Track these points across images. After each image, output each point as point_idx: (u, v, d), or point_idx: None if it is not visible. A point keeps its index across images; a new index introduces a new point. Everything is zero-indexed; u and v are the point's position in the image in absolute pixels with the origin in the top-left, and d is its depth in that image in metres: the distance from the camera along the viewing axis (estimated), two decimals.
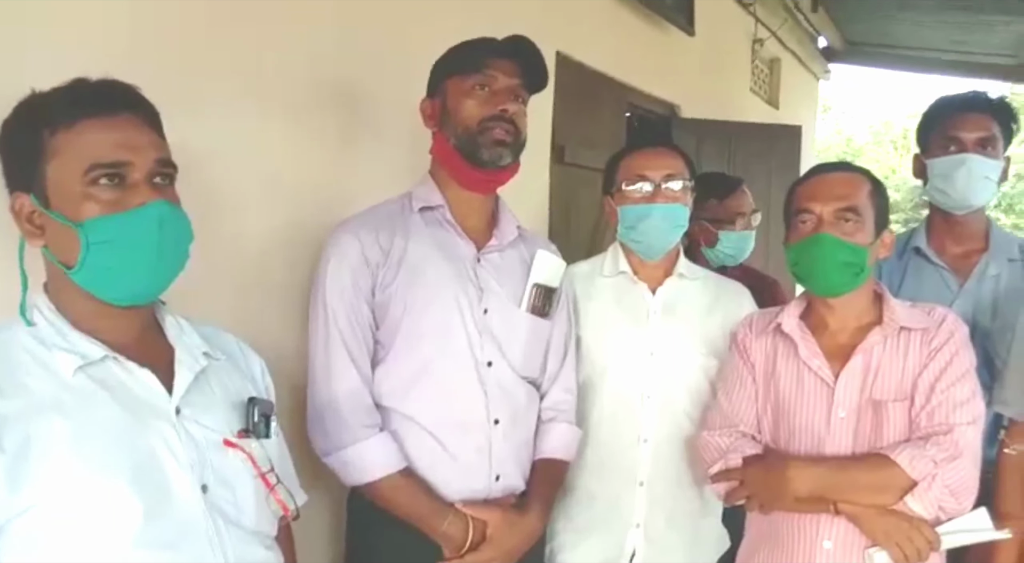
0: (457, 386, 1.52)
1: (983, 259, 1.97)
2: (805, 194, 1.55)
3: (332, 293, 1.48)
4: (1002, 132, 1.95)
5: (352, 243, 1.50)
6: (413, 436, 1.51)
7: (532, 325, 1.61)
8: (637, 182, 1.76)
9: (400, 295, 1.50)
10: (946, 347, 1.48)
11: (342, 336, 1.47)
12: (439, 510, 1.48)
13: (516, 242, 1.65)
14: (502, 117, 1.51)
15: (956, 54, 6.82)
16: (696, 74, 4.43)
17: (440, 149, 1.58)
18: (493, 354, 1.55)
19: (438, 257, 1.54)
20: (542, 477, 1.63)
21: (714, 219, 2.47)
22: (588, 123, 3.32)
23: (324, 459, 1.49)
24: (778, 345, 1.61)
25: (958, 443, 1.41)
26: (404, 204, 1.59)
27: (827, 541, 1.47)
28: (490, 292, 1.56)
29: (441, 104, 1.56)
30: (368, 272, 1.49)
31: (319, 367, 1.49)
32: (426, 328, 1.50)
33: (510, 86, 1.53)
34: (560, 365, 1.70)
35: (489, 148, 1.50)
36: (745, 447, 1.56)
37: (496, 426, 1.54)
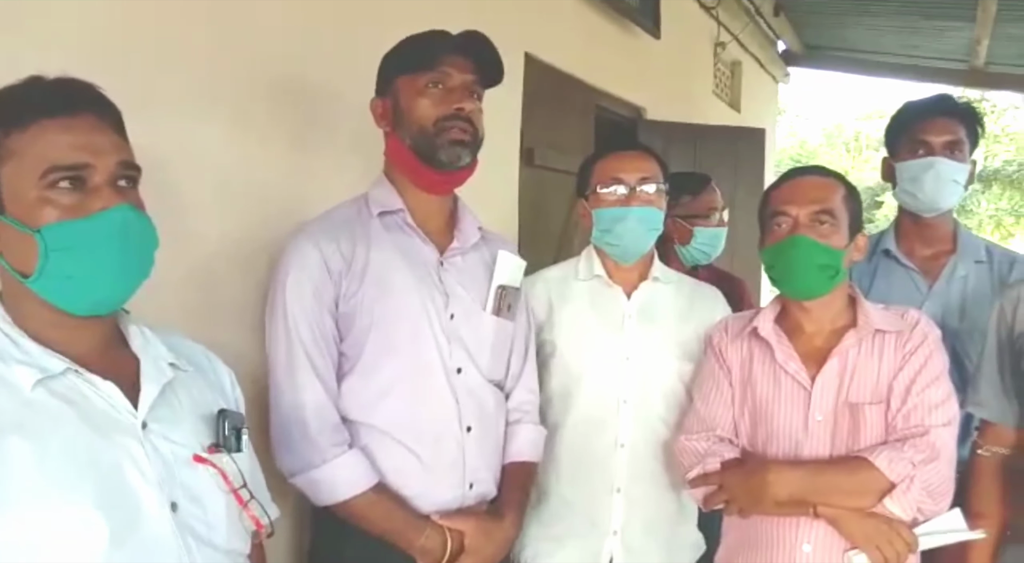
0: (429, 396, 1.49)
1: (951, 261, 2.00)
2: (781, 197, 1.55)
3: (293, 305, 1.42)
4: (968, 136, 1.98)
5: (312, 253, 1.44)
6: (385, 449, 1.46)
7: (498, 327, 1.58)
8: (612, 185, 1.75)
9: (367, 306, 1.45)
10: (920, 350, 1.49)
11: (305, 350, 1.42)
12: (415, 524, 1.45)
13: (478, 244, 1.62)
14: (458, 116, 1.46)
15: (909, 58, 6.97)
16: (661, 77, 4.45)
17: (395, 151, 1.53)
18: (462, 360, 1.52)
19: (402, 264, 1.49)
20: (513, 481, 1.61)
21: (688, 215, 2.48)
22: (557, 125, 3.31)
23: (291, 480, 1.43)
24: (754, 349, 1.61)
25: (935, 445, 1.41)
26: (361, 208, 1.54)
27: (806, 544, 1.47)
28: (455, 297, 1.53)
29: (393, 103, 1.50)
30: (331, 283, 1.44)
31: (282, 382, 1.43)
32: (396, 339, 1.46)
33: (465, 83, 1.48)
34: (522, 365, 1.67)
35: (447, 149, 1.46)
36: (723, 451, 1.56)
37: (468, 433, 1.52)
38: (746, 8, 5.86)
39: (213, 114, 1.57)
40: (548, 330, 1.80)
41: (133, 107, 1.03)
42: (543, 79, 3.10)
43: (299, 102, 1.80)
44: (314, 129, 1.85)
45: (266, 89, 1.70)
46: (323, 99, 1.87)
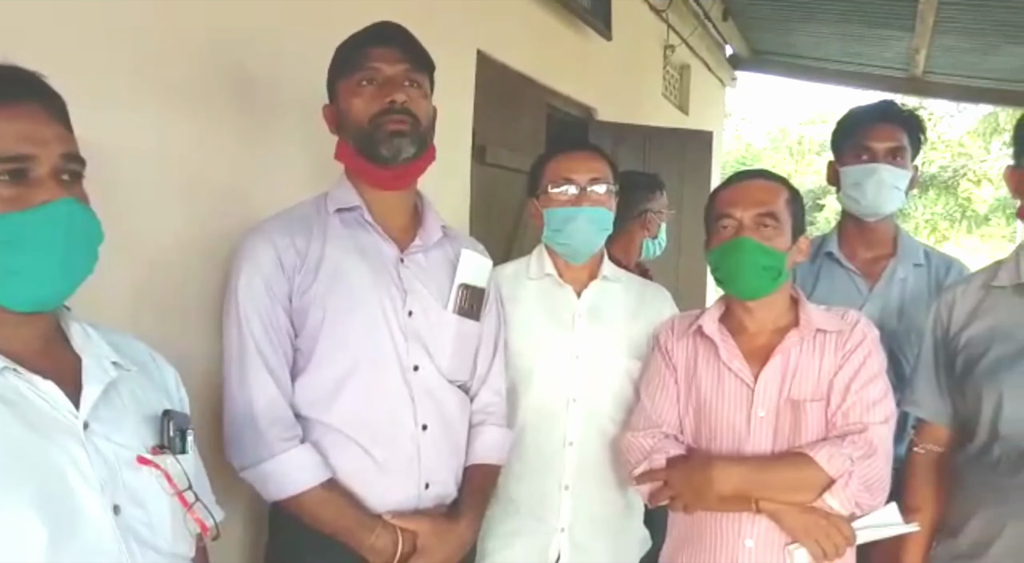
0: (382, 393, 1.47)
1: (891, 264, 2.05)
2: (726, 200, 1.58)
3: (246, 301, 1.42)
4: (911, 143, 2.04)
5: (266, 248, 1.43)
6: (338, 446, 1.45)
7: (460, 327, 1.57)
8: (563, 185, 1.76)
9: (319, 300, 1.44)
10: (859, 349, 1.53)
11: (257, 345, 1.41)
12: (366, 523, 1.43)
13: (442, 242, 1.61)
14: (392, 109, 1.45)
15: (852, 65, 7.15)
16: (612, 78, 4.49)
17: (343, 153, 1.53)
18: (419, 358, 1.50)
19: (358, 260, 1.48)
20: (473, 484, 1.60)
21: (658, 211, 2.68)
22: (509, 124, 3.32)
23: (241, 473, 1.41)
24: (699, 347, 1.63)
25: (872, 441, 1.46)
26: (320, 206, 1.53)
27: (749, 539, 1.50)
28: (414, 294, 1.52)
29: (336, 108, 1.52)
30: (284, 278, 1.43)
31: (234, 378, 1.42)
32: (348, 334, 1.45)
33: (395, 74, 1.46)
34: (489, 367, 1.67)
35: (386, 142, 1.45)
36: (669, 448, 1.58)
37: (424, 432, 1.50)
38: (695, 12, 5.95)
39: (162, 109, 1.53)
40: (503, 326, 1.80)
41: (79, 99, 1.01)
42: (495, 77, 3.10)
43: (249, 99, 1.77)
44: (265, 126, 1.82)
45: (216, 85, 1.67)
46: (273, 96, 1.84)
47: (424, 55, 1.52)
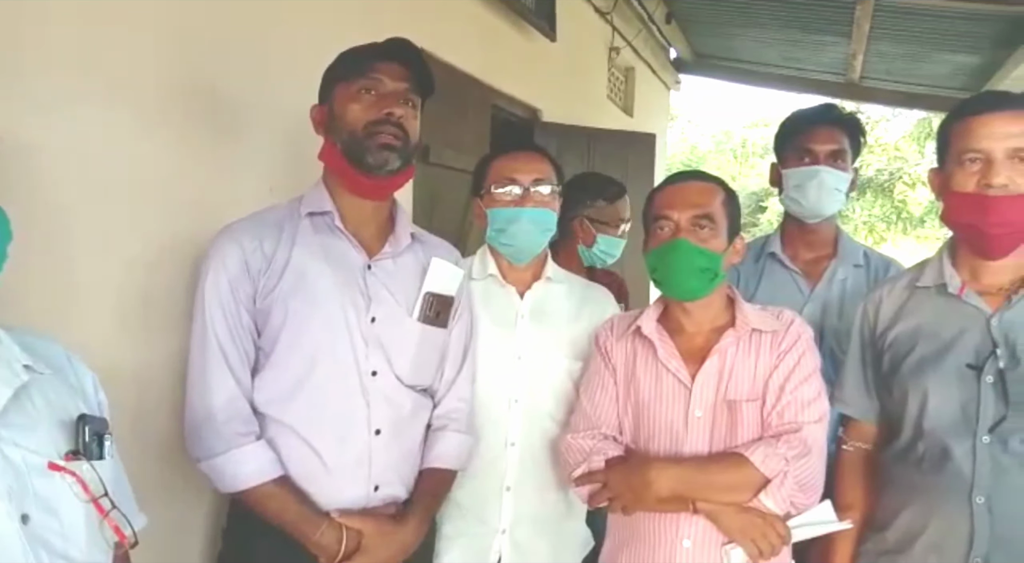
0: (337, 396, 1.49)
1: (832, 264, 2.09)
2: (663, 202, 1.59)
3: (211, 301, 1.46)
4: (851, 145, 2.08)
5: (233, 250, 1.47)
6: (290, 445, 1.48)
7: (424, 334, 1.58)
8: (506, 185, 1.76)
9: (281, 302, 1.47)
10: (794, 349, 1.55)
11: (220, 344, 1.45)
12: (312, 519, 1.46)
13: (413, 247, 1.62)
14: (388, 121, 1.48)
15: (790, 70, 7.30)
16: (557, 79, 4.51)
17: (328, 154, 1.55)
18: (379, 364, 1.52)
19: (324, 265, 1.51)
20: (425, 487, 1.61)
21: (597, 220, 2.49)
22: (453, 124, 3.30)
23: (197, 465, 1.46)
24: (638, 347, 1.64)
25: (806, 441, 1.48)
26: (293, 209, 1.56)
27: (686, 540, 1.51)
28: (379, 300, 1.53)
29: (329, 109, 1.54)
30: (249, 280, 1.47)
31: (196, 375, 1.47)
32: (307, 336, 1.48)
33: (397, 90, 1.50)
34: (456, 373, 1.68)
35: (374, 153, 1.48)
36: (608, 449, 1.58)
37: (377, 437, 1.52)
38: (639, 15, 6.00)
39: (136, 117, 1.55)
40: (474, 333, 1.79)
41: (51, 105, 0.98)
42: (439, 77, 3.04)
43: (207, 102, 1.76)
44: (235, 136, 1.82)
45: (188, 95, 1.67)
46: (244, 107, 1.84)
47: (428, 80, 1.55)
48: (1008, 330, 1.43)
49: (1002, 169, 1.39)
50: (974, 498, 1.40)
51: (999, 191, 1.39)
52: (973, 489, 1.40)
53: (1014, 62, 5.20)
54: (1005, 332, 1.43)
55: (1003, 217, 1.40)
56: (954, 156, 1.45)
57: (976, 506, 1.40)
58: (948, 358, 1.47)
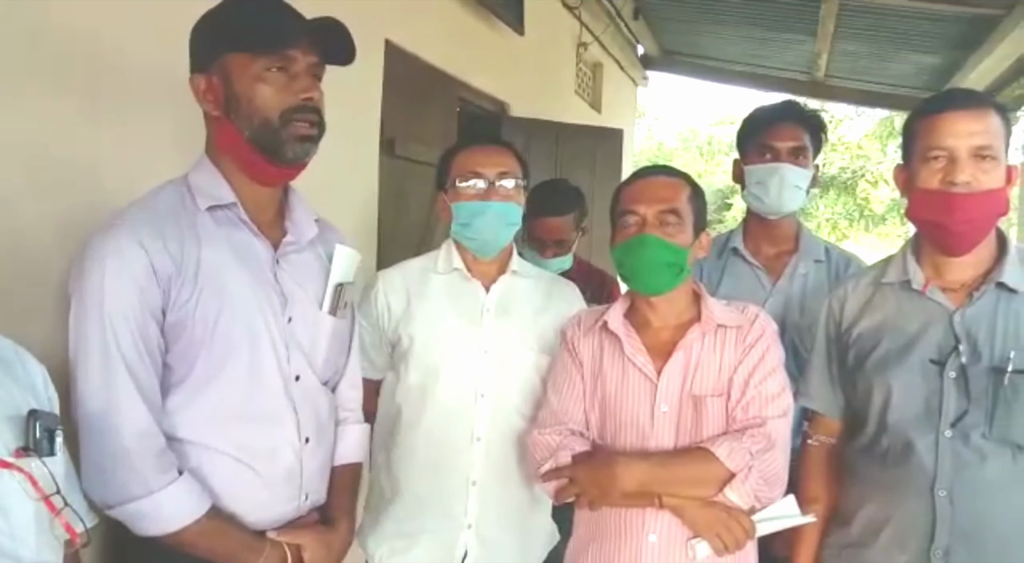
0: (267, 409, 1.37)
1: (793, 260, 2.11)
2: (629, 196, 1.59)
3: (115, 314, 1.22)
4: (812, 142, 2.09)
5: (136, 253, 1.24)
6: (218, 467, 1.33)
7: (334, 327, 1.49)
8: (471, 179, 1.74)
9: (200, 314, 1.28)
10: (758, 344, 1.56)
11: (128, 367, 1.23)
12: (253, 545, 1.35)
13: (313, 238, 1.50)
14: (306, 107, 1.31)
15: (755, 68, 7.38)
16: (525, 73, 4.49)
17: (228, 140, 1.34)
18: (300, 367, 1.41)
19: (236, 265, 1.34)
20: (343, 485, 1.55)
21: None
22: (419, 116, 3.27)
23: (107, 512, 1.23)
24: (604, 342, 1.63)
25: (771, 435, 1.48)
26: (184, 197, 1.34)
27: (652, 535, 1.51)
28: (293, 298, 1.41)
29: (223, 84, 1.30)
30: (158, 288, 1.25)
31: (96, 403, 1.22)
32: (233, 348, 1.31)
33: (309, 66, 1.32)
34: (346, 360, 1.58)
35: (293, 144, 1.31)
36: (574, 444, 1.57)
37: (307, 445, 1.43)
38: (607, 10, 6.01)
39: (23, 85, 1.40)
40: (406, 324, 1.77)
41: None
42: (405, 68, 3.05)
43: (127, 78, 1.64)
44: (120, 101, 1.66)
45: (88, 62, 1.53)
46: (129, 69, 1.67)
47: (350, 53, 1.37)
48: (970, 326, 1.45)
49: (966, 167, 1.40)
50: (936, 491, 1.42)
51: (962, 188, 1.40)
52: (935, 482, 1.42)
53: (974, 63, 5.31)
54: (967, 328, 1.45)
55: (966, 214, 1.41)
56: (919, 153, 1.47)
57: (938, 499, 1.42)
58: (912, 354, 1.48)
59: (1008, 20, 4.53)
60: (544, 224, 2.51)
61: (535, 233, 2.53)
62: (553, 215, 2.52)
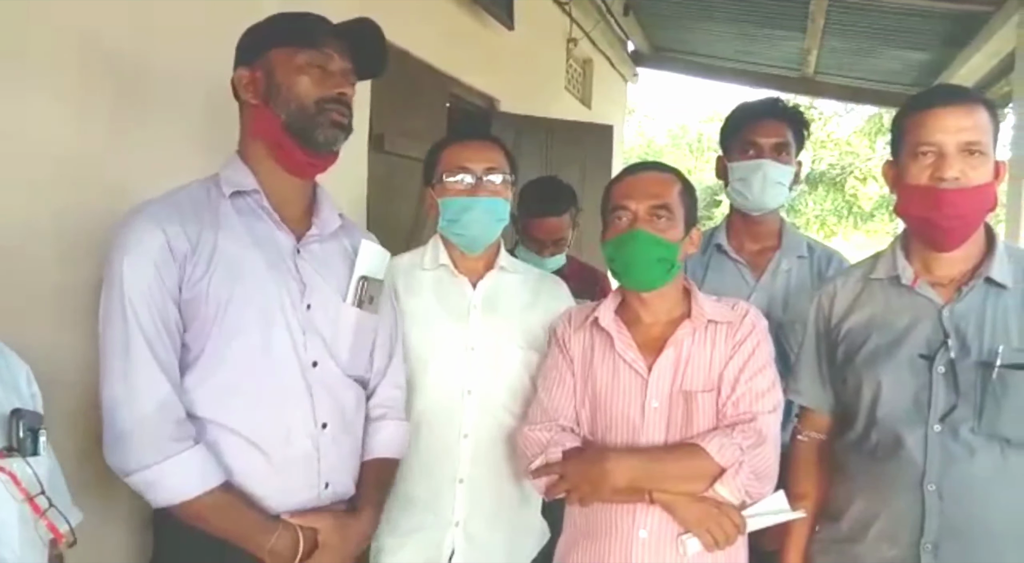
0: (280, 391, 1.40)
1: (776, 256, 2.11)
2: (621, 192, 1.59)
3: (133, 290, 1.30)
4: (795, 138, 2.10)
5: (154, 234, 1.32)
6: (233, 448, 1.37)
7: (359, 320, 1.52)
8: (458, 174, 1.73)
9: (212, 292, 1.35)
10: (749, 340, 1.56)
11: (147, 341, 1.30)
12: (265, 525, 1.37)
13: (337, 232, 1.56)
14: (340, 100, 1.41)
15: (744, 64, 7.40)
16: (515, 69, 4.48)
17: (263, 126, 1.43)
18: (319, 353, 1.45)
19: (253, 250, 1.40)
20: (372, 478, 1.56)
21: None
22: (409, 112, 3.25)
23: (125, 479, 1.30)
24: (595, 338, 1.63)
25: (761, 430, 1.49)
26: (211, 189, 1.44)
27: (643, 531, 1.51)
28: (313, 286, 1.46)
29: (265, 75, 1.41)
30: (175, 266, 1.33)
31: (117, 375, 1.30)
32: (243, 329, 1.37)
33: (345, 69, 1.44)
34: (388, 360, 1.63)
35: (326, 130, 1.40)
36: (565, 441, 1.57)
37: (324, 431, 1.45)
38: (598, 6, 6.01)
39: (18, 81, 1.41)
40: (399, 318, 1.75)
41: None
42: (394, 64, 3.01)
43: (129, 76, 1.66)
44: (145, 105, 1.71)
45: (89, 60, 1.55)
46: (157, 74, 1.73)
47: (381, 67, 1.50)
48: (959, 321, 1.45)
49: (954, 162, 1.40)
50: (925, 486, 1.42)
51: (951, 184, 1.40)
52: (924, 477, 1.42)
53: (962, 59, 5.34)
54: (956, 323, 1.45)
55: (955, 210, 1.42)
56: (908, 149, 1.47)
57: (927, 493, 1.42)
58: (901, 349, 1.48)
59: (996, 17, 4.55)
60: (542, 225, 2.54)
61: (533, 233, 2.55)
62: (551, 215, 2.56)
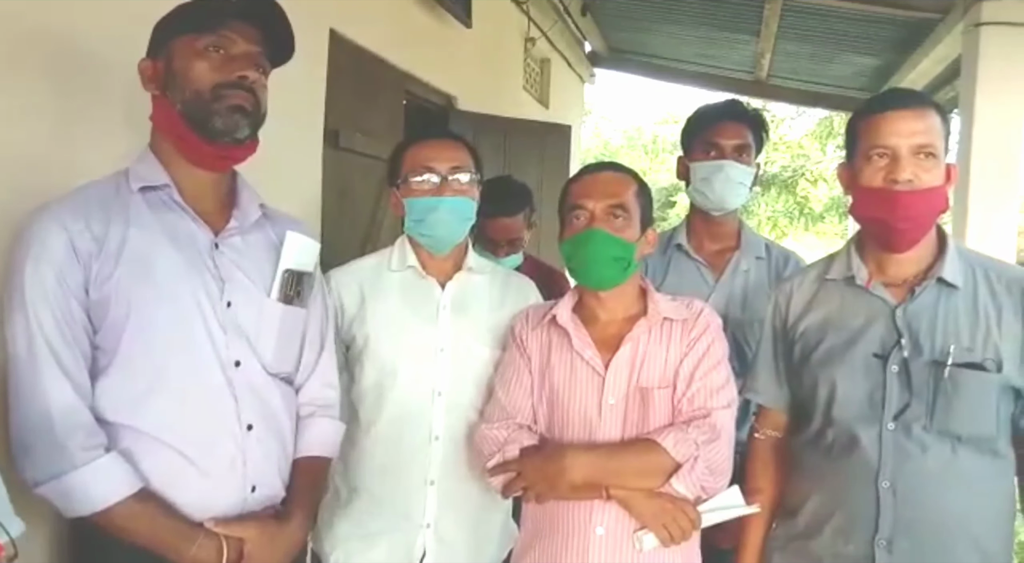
0: (201, 392, 1.34)
1: (735, 256, 2.14)
2: (578, 191, 1.60)
3: (34, 293, 1.24)
4: (755, 140, 2.12)
5: (56, 233, 1.26)
6: (152, 454, 1.30)
7: (285, 316, 1.46)
8: (423, 174, 1.70)
9: (122, 292, 1.28)
10: (703, 337, 1.57)
11: (49, 344, 1.24)
12: (186, 533, 1.31)
13: (261, 222, 1.49)
14: (240, 84, 1.34)
15: (700, 67, 7.48)
16: (473, 67, 4.46)
17: (163, 116, 1.37)
18: (241, 352, 1.39)
19: (167, 245, 1.34)
20: (302, 480, 1.51)
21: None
22: (365, 108, 3.21)
23: (36, 490, 1.24)
24: (552, 336, 1.64)
25: (715, 426, 1.50)
26: (120, 184, 1.36)
27: (600, 527, 1.52)
28: (233, 282, 1.39)
29: (166, 64, 1.35)
30: (78, 266, 1.27)
31: (23, 382, 1.25)
32: (158, 329, 1.31)
33: (249, 52, 1.36)
34: (317, 356, 1.57)
35: (224, 116, 1.33)
36: (522, 438, 1.57)
37: (249, 432, 1.39)
38: (555, 5, 6.01)
39: None
40: (360, 323, 1.73)
41: None
42: (350, 59, 2.99)
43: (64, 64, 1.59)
44: (77, 95, 1.63)
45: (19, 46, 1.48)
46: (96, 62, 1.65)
47: (289, 50, 1.43)
48: (912, 321, 1.48)
49: (907, 165, 1.42)
50: (880, 483, 1.44)
51: (904, 186, 1.42)
52: (879, 474, 1.44)
53: (911, 65, 5.46)
54: (909, 323, 1.47)
55: (908, 211, 1.44)
56: (862, 151, 1.49)
57: (882, 490, 1.44)
58: (856, 348, 1.50)
59: (943, 25, 4.67)
60: (496, 224, 2.52)
61: (488, 233, 2.53)
62: (505, 215, 2.54)
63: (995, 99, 4.05)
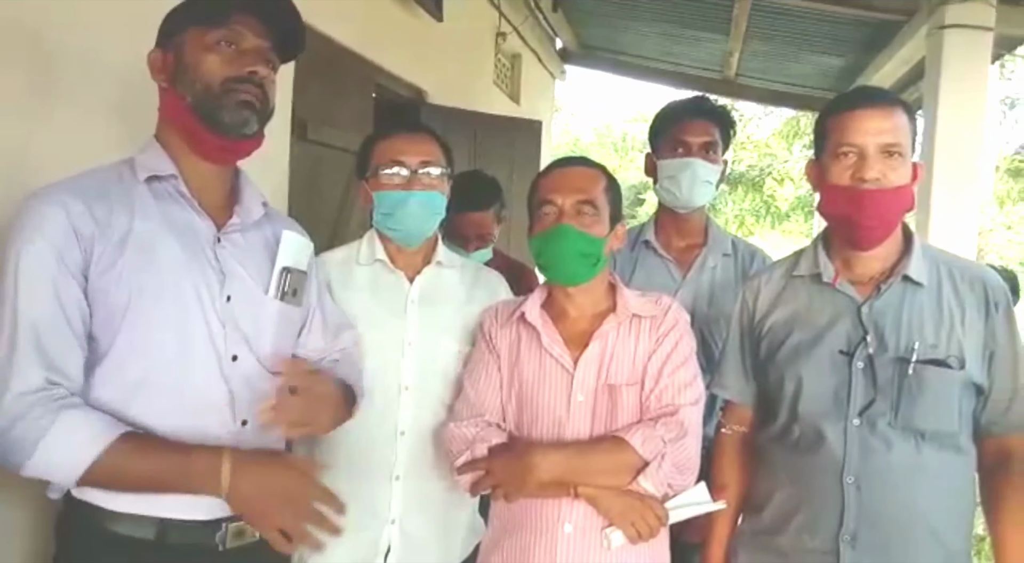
0: (197, 387, 1.33)
1: (702, 253, 2.15)
2: (547, 187, 1.59)
3: (29, 276, 1.21)
4: (722, 137, 2.13)
5: (56, 213, 1.23)
6: None
7: (282, 313, 1.46)
8: (393, 167, 1.69)
9: (124, 282, 1.26)
10: (671, 333, 1.57)
11: (35, 330, 1.20)
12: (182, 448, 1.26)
13: (260, 222, 1.49)
14: (250, 79, 1.34)
15: (669, 64, 7.52)
16: (443, 61, 4.43)
17: (172, 108, 1.36)
18: (239, 347, 1.37)
19: (170, 237, 1.32)
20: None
21: None
22: (333, 100, 3.17)
23: (23, 473, 1.20)
24: (522, 333, 1.63)
25: (683, 423, 1.50)
26: (124, 172, 1.35)
27: (568, 525, 1.51)
28: (233, 277, 1.38)
29: (176, 57, 1.35)
30: (78, 247, 1.24)
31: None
32: (158, 321, 1.29)
33: (259, 47, 1.36)
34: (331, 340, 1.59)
35: (232, 110, 1.33)
36: (491, 436, 1.56)
37: (244, 428, 1.37)
38: (527, 1, 6.00)
39: None
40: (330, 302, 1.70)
41: None
42: (318, 50, 2.95)
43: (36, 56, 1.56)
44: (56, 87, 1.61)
45: None
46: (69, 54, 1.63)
47: (296, 41, 1.42)
48: (877, 318, 1.49)
49: (874, 163, 1.44)
50: (845, 478, 1.46)
51: (872, 184, 1.44)
52: (844, 470, 1.46)
53: (876, 66, 5.54)
54: (875, 319, 1.49)
55: (875, 209, 1.45)
56: (830, 149, 1.50)
57: (846, 486, 1.46)
58: (822, 345, 1.52)
59: (908, 26, 4.74)
60: (466, 219, 2.51)
61: (457, 228, 2.52)
62: (474, 210, 2.53)
63: (957, 100, 4.12)
